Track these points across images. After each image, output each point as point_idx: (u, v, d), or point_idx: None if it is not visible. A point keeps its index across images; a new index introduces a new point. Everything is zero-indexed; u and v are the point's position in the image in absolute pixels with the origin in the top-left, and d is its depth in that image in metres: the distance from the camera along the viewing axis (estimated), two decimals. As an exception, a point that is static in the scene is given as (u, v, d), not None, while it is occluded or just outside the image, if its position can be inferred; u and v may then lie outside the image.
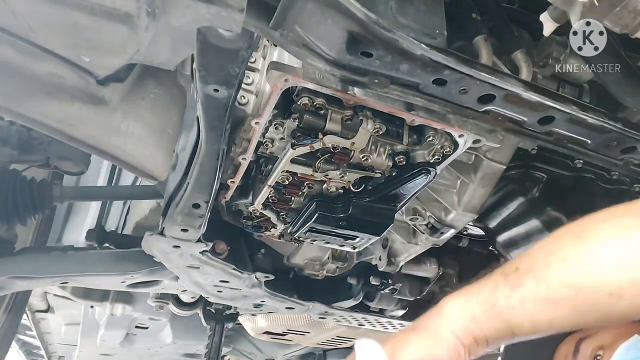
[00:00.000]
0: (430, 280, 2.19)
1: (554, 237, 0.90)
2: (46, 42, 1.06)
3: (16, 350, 4.90)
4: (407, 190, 1.48)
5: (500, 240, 1.98)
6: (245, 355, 4.35)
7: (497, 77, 1.10)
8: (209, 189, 1.41)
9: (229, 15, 0.88)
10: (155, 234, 1.65)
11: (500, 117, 1.21)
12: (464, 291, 0.94)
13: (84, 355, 4.17)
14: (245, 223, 1.80)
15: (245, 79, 1.30)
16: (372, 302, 2.29)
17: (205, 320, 2.74)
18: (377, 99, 1.22)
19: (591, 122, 1.23)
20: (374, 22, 0.94)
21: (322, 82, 1.16)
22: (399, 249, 1.96)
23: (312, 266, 2.24)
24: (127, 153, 1.46)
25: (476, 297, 0.91)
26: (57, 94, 1.25)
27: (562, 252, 0.85)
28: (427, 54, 1.01)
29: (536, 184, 1.82)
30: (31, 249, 2.43)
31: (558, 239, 0.89)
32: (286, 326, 3.12)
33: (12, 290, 2.08)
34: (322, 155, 1.37)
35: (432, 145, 1.38)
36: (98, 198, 2.60)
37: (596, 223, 0.86)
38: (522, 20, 1.47)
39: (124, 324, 3.52)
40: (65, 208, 2.85)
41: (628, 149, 1.33)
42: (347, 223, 1.52)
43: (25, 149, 2.00)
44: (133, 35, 0.98)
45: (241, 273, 1.92)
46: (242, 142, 1.40)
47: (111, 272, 1.95)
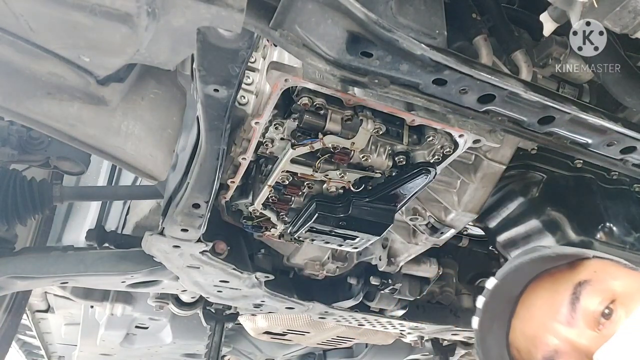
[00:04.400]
0: (430, 280, 2.19)
1: None
2: (46, 42, 1.06)
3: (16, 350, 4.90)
4: (407, 190, 1.48)
5: (500, 240, 1.98)
6: (245, 355, 4.34)
7: (497, 77, 1.10)
8: (209, 189, 1.41)
9: (229, 15, 0.88)
10: (155, 234, 1.65)
11: (500, 117, 1.21)
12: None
13: (84, 355, 4.16)
14: (245, 223, 1.80)
15: (245, 79, 1.30)
16: (372, 302, 2.29)
17: (205, 320, 2.74)
18: (377, 99, 1.22)
19: (591, 122, 1.23)
20: (374, 22, 0.94)
21: (322, 82, 1.16)
22: (399, 249, 1.96)
23: (312, 266, 2.24)
24: (127, 153, 1.47)
25: None
26: (57, 94, 1.25)
27: None
28: (427, 54, 1.01)
29: (536, 184, 1.82)
30: (31, 249, 2.43)
31: None
32: (286, 326, 3.12)
33: (12, 290, 2.08)
34: (322, 155, 1.37)
35: (432, 145, 1.38)
36: (98, 198, 2.60)
37: None
38: (522, 20, 1.47)
39: (124, 324, 3.52)
40: (65, 208, 2.85)
41: (628, 149, 1.33)
42: (347, 223, 1.52)
43: (25, 149, 2.01)
44: (133, 35, 0.98)
45: (241, 273, 1.92)
46: (242, 142, 1.40)
47: (111, 272, 1.95)
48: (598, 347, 0.88)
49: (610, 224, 1.77)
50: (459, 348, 3.34)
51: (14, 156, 1.97)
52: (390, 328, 2.66)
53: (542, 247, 1.06)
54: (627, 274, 0.98)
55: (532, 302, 1.03)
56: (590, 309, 0.93)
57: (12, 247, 2.03)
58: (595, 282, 0.96)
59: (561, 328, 0.95)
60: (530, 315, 1.02)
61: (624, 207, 1.83)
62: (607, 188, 1.86)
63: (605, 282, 0.96)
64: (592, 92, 1.56)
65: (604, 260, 1.02)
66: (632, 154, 1.35)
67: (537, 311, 1.00)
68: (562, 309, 0.96)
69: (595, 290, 0.95)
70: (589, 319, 0.93)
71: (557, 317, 0.96)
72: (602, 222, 1.77)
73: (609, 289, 0.94)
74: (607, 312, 0.92)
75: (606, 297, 0.93)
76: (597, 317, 0.92)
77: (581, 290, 0.96)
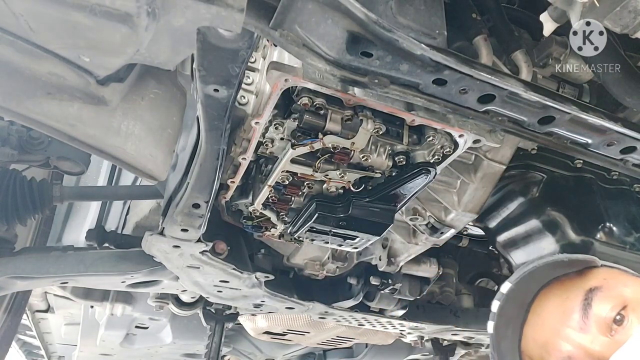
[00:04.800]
0: (430, 280, 2.19)
1: None
2: (46, 42, 1.06)
3: (16, 350, 4.90)
4: (407, 190, 1.48)
5: (500, 240, 1.98)
6: (245, 355, 4.34)
7: (497, 77, 1.10)
8: (209, 189, 1.41)
9: (229, 15, 0.88)
10: (155, 234, 1.65)
11: (500, 117, 1.21)
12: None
13: (84, 355, 4.16)
14: (245, 223, 1.80)
15: (245, 79, 1.30)
16: (372, 302, 2.29)
17: (205, 320, 2.74)
18: (377, 99, 1.22)
19: (591, 122, 1.23)
20: (374, 22, 0.94)
21: (322, 82, 1.16)
22: (399, 249, 1.95)
23: (312, 266, 2.24)
24: (127, 153, 1.47)
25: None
26: (57, 94, 1.25)
27: None
28: (427, 54, 1.01)
29: (536, 184, 1.82)
30: (31, 249, 2.43)
31: None
32: (286, 326, 3.12)
33: (12, 290, 2.08)
34: (322, 155, 1.37)
35: (432, 145, 1.38)
36: (98, 198, 2.60)
37: None
38: (522, 20, 1.47)
39: (124, 324, 3.52)
40: (65, 208, 2.85)
41: (628, 149, 1.33)
42: (347, 223, 1.52)
43: (25, 149, 2.01)
44: (133, 35, 0.98)
45: (241, 273, 1.92)
46: (242, 142, 1.40)
47: (111, 272, 1.95)
48: (611, 353, 0.88)
49: (611, 224, 1.77)
50: (459, 348, 3.33)
51: (14, 156, 1.96)
52: (390, 328, 2.66)
53: (556, 254, 1.10)
54: (636, 282, 1.00)
55: (543, 309, 1.03)
56: (603, 314, 0.94)
57: (12, 247, 2.03)
58: (606, 288, 0.98)
59: (574, 334, 0.96)
60: (541, 321, 1.02)
61: (624, 207, 1.83)
62: (607, 188, 1.86)
63: (616, 289, 0.97)
64: (592, 92, 1.56)
65: (613, 269, 1.04)
66: (632, 154, 1.35)
67: (549, 317, 1.01)
68: (574, 315, 0.97)
69: (606, 297, 0.96)
70: (602, 325, 0.94)
71: (570, 323, 0.97)
72: (602, 222, 1.76)
73: (620, 296, 0.96)
74: (618, 318, 0.93)
75: (617, 303, 0.94)
76: (609, 323, 0.94)
77: (592, 297, 0.97)
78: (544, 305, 1.04)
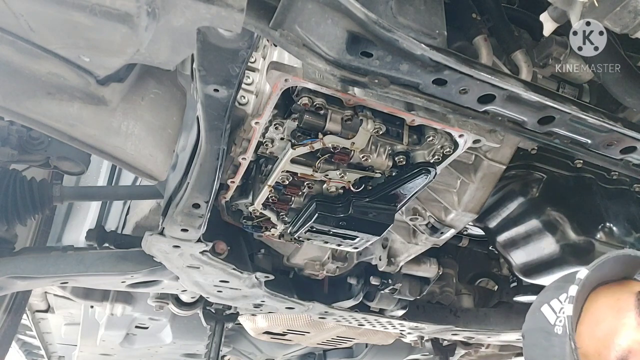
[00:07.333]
0: (430, 280, 2.19)
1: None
2: (46, 42, 1.06)
3: (16, 350, 4.90)
4: (407, 190, 1.48)
5: (500, 240, 1.98)
6: (245, 355, 4.35)
7: (497, 77, 1.10)
8: (209, 189, 1.41)
9: (229, 15, 0.88)
10: (155, 234, 1.65)
11: (500, 117, 1.21)
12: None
13: (84, 355, 4.17)
14: (245, 223, 1.80)
15: (245, 79, 1.30)
16: (372, 302, 2.29)
17: (205, 320, 2.74)
18: (377, 99, 1.22)
19: (591, 122, 1.23)
20: (374, 22, 0.94)
21: (322, 82, 1.16)
22: (399, 249, 1.96)
23: (312, 266, 2.24)
24: (127, 153, 1.47)
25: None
26: (57, 94, 1.25)
27: None
28: (427, 54, 1.01)
29: (536, 184, 1.82)
30: (31, 249, 2.43)
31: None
32: (286, 326, 3.12)
33: (12, 290, 2.08)
34: (322, 155, 1.37)
35: (432, 145, 1.38)
36: (98, 198, 2.60)
37: None
38: (522, 20, 1.47)
39: (124, 324, 3.52)
40: (65, 208, 2.85)
41: (628, 149, 1.33)
42: (347, 223, 1.52)
43: (25, 149, 2.01)
44: (133, 35, 0.98)
45: (241, 273, 1.92)
46: (242, 142, 1.40)
47: (111, 272, 1.95)
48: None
49: (610, 224, 1.77)
50: (459, 348, 3.34)
51: (14, 156, 1.97)
52: (390, 328, 2.66)
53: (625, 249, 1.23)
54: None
55: (597, 309, 1.14)
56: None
57: (12, 247, 2.03)
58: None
59: (630, 331, 1.07)
60: (596, 319, 1.13)
61: (624, 207, 1.83)
62: (607, 188, 1.86)
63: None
64: (592, 92, 1.56)
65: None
66: (632, 154, 1.35)
67: (604, 316, 1.13)
68: (629, 313, 1.09)
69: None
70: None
71: (625, 321, 1.08)
72: (602, 222, 1.77)
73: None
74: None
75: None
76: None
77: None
78: (597, 306, 1.14)
